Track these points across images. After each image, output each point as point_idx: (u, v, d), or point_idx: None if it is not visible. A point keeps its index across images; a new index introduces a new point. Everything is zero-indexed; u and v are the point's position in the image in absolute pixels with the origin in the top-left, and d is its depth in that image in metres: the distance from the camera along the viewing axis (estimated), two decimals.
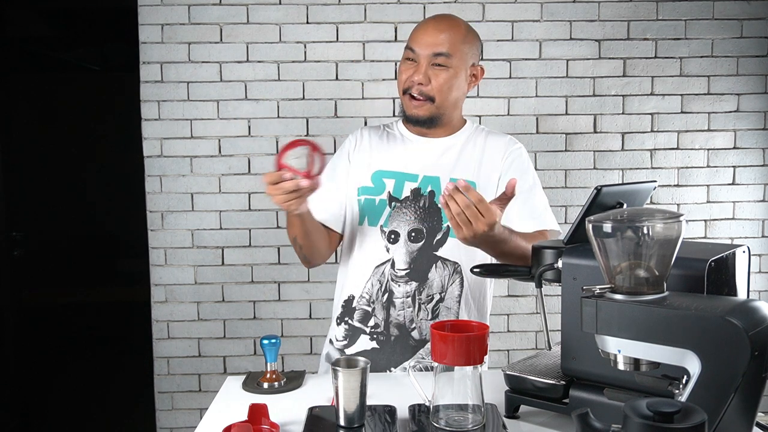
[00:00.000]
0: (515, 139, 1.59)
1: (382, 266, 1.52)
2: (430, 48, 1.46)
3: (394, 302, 1.51)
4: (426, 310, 1.50)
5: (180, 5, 2.57)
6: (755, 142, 2.71)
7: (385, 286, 1.51)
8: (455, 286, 1.51)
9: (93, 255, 6.49)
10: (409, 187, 1.53)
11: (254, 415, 1.12)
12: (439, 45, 1.46)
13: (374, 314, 1.52)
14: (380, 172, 1.55)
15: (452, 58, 1.46)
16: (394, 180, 1.54)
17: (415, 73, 1.47)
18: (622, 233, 0.84)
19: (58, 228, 6.45)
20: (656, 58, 2.66)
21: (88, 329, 5.53)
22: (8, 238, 3.06)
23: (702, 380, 0.78)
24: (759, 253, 2.73)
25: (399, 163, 1.55)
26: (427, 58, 1.46)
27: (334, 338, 1.58)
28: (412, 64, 1.49)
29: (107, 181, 6.53)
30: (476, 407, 1.08)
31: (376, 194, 1.54)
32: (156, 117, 2.61)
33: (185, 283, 2.64)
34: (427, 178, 1.53)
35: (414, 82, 1.47)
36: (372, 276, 1.53)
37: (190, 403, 2.67)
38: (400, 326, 1.51)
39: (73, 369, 4.61)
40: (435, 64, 1.46)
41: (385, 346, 1.51)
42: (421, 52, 1.47)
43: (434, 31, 1.47)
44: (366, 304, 1.53)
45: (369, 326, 1.52)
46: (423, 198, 1.52)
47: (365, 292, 1.53)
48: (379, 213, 1.53)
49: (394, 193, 1.53)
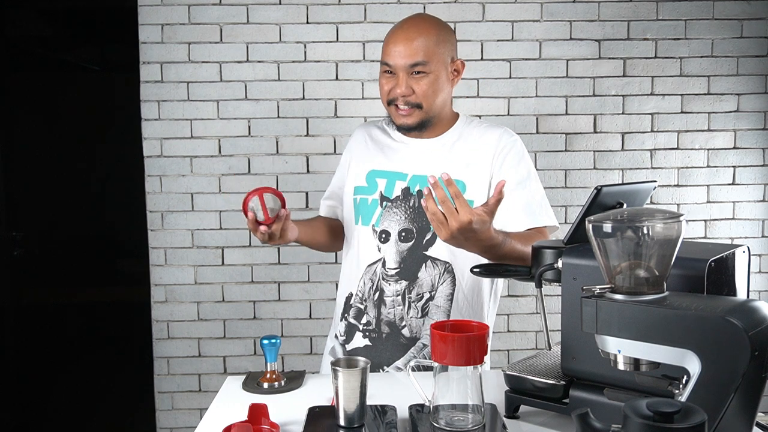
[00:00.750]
0: (510, 131, 1.56)
1: (373, 265, 1.54)
2: (405, 59, 1.44)
3: (384, 300, 1.52)
4: (416, 308, 1.50)
5: (180, 5, 2.57)
6: (755, 142, 2.71)
7: (377, 284, 1.53)
8: (446, 285, 1.51)
9: (93, 255, 6.48)
10: (400, 187, 1.53)
11: (254, 415, 1.12)
12: (413, 55, 1.44)
13: (366, 312, 1.54)
14: (374, 172, 1.57)
15: (429, 63, 1.45)
16: (386, 180, 1.55)
17: (396, 86, 1.46)
18: (622, 233, 0.84)
19: (58, 228, 6.44)
20: (656, 58, 2.66)
21: (88, 329, 5.53)
22: (8, 238, 3.06)
23: (702, 380, 0.78)
24: (759, 253, 2.73)
25: (391, 163, 1.56)
26: (404, 69, 1.45)
27: (338, 333, 1.60)
28: (391, 77, 1.48)
29: (107, 181, 6.52)
30: (476, 407, 1.08)
31: (368, 194, 1.56)
32: (156, 117, 2.61)
33: (185, 283, 2.64)
34: (416, 177, 1.53)
35: (397, 94, 1.47)
36: (365, 274, 1.54)
37: (190, 403, 2.67)
38: (390, 324, 1.51)
39: (73, 369, 4.61)
40: (414, 72, 1.45)
41: (377, 343, 1.52)
42: (397, 65, 1.45)
43: (404, 41, 1.45)
44: (359, 302, 1.55)
45: (362, 323, 1.54)
46: (412, 197, 1.52)
47: (359, 290, 1.55)
48: (371, 212, 1.54)
49: (385, 192, 1.54)
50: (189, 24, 2.59)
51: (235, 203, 2.64)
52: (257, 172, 2.63)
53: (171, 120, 2.61)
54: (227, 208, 2.64)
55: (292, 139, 2.63)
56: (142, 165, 2.62)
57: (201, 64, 2.60)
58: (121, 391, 4.06)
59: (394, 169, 1.55)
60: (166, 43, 2.59)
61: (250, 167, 2.64)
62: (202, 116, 2.61)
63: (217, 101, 2.61)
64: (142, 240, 2.68)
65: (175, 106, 2.61)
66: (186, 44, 2.59)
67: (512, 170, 1.50)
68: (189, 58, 2.60)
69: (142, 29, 2.58)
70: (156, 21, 2.58)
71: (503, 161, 1.51)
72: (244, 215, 1.38)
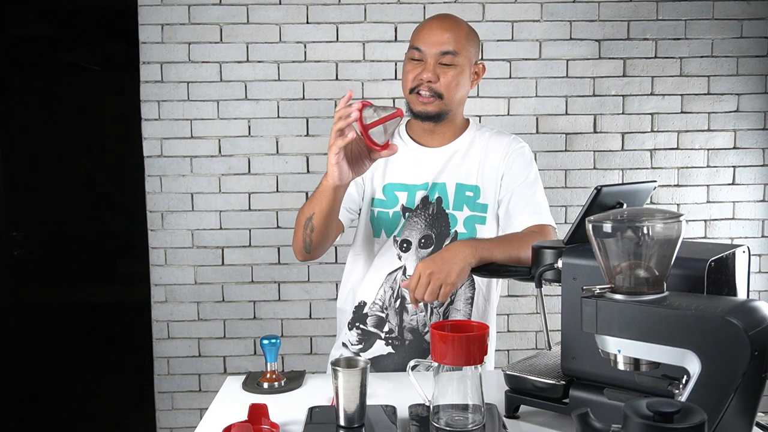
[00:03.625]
0: (519, 138, 1.60)
1: (393, 273, 1.54)
2: (436, 47, 1.47)
3: (406, 308, 1.53)
4: (438, 314, 1.53)
5: (180, 5, 2.57)
6: (755, 142, 2.71)
7: (398, 292, 1.54)
8: (466, 289, 1.53)
9: (93, 255, 6.48)
10: (420, 197, 1.54)
11: (254, 415, 1.12)
12: (445, 44, 1.47)
13: (388, 320, 1.54)
14: (391, 185, 1.56)
15: (458, 56, 1.48)
16: (406, 192, 1.55)
17: (424, 71, 1.48)
18: (622, 233, 0.84)
19: (58, 228, 6.44)
20: (656, 58, 2.66)
21: (88, 329, 5.53)
22: (8, 238, 3.06)
23: (702, 380, 0.78)
24: (759, 253, 2.73)
25: (408, 175, 1.56)
26: (434, 56, 1.47)
27: (348, 342, 1.59)
28: (418, 63, 1.50)
29: (107, 181, 6.53)
30: (476, 407, 1.08)
31: (389, 207, 1.56)
32: (156, 117, 2.61)
33: (185, 283, 2.64)
34: (435, 185, 1.54)
35: (423, 80, 1.48)
36: (384, 283, 1.55)
37: (190, 403, 2.67)
38: (413, 330, 1.53)
39: (73, 369, 4.61)
40: (442, 63, 1.48)
41: (400, 350, 1.53)
42: (428, 51, 1.48)
43: (439, 30, 1.48)
44: (379, 311, 1.55)
45: (384, 332, 1.55)
46: (431, 205, 1.54)
47: (378, 299, 1.55)
48: (394, 225, 1.55)
49: (407, 204, 1.54)
50: (189, 24, 2.59)
51: (235, 203, 2.64)
52: (257, 172, 2.63)
53: (171, 120, 2.61)
54: (227, 208, 2.64)
55: (292, 139, 2.63)
56: (142, 165, 2.62)
57: (201, 64, 2.60)
58: (121, 391, 4.06)
59: (413, 181, 1.55)
60: (166, 43, 2.59)
61: (250, 167, 2.63)
62: (202, 116, 2.61)
63: (217, 101, 2.61)
64: (142, 240, 2.68)
65: (175, 106, 2.61)
66: (186, 44, 2.59)
67: (520, 171, 1.54)
68: (189, 58, 2.60)
69: (142, 29, 2.58)
70: (156, 21, 2.58)
71: (513, 162, 1.55)
72: (355, 125, 1.23)
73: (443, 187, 1.53)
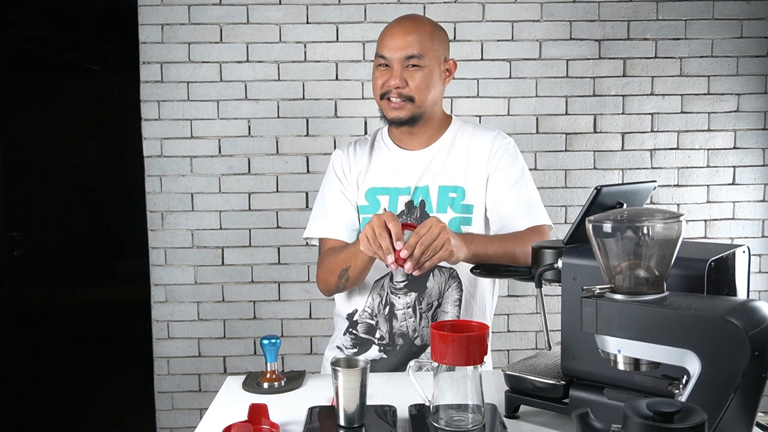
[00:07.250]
0: (503, 133, 1.58)
1: (381, 280, 1.54)
2: (400, 51, 1.46)
3: (395, 314, 1.53)
4: (427, 317, 1.52)
5: (180, 5, 2.57)
6: (755, 142, 2.71)
7: (386, 299, 1.53)
8: (452, 291, 1.52)
9: (93, 255, 6.48)
10: (403, 201, 1.53)
11: (254, 415, 1.12)
12: (408, 47, 1.46)
13: (378, 327, 1.54)
14: (373, 190, 1.56)
15: (424, 57, 1.47)
16: (387, 196, 1.54)
17: (391, 77, 1.47)
18: (622, 233, 0.84)
19: (58, 228, 6.44)
20: (656, 58, 2.66)
21: (88, 329, 5.52)
22: (8, 238, 3.06)
23: (702, 380, 0.78)
24: (759, 253, 2.73)
25: (390, 178, 1.55)
26: (399, 61, 1.47)
27: (342, 346, 1.60)
28: (386, 70, 1.49)
29: (107, 181, 6.52)
30: (476, 407, 1.08)
31: (371, 212, 1.54)
32: (156, 117, 2.61)
33: (185, 283, 2.64)
34: (418, 189, 1.53)
35: (391, 86, 1.47)
36: (372, 290, 1.54)
37: (190, 403, 2.67)
38: (403, 335, 1.53)
39: (73, 369, 4.61)
40: (408, 66, 1.47)
41: (391, 354, 1.54)
42: (392, 57, 1.47)
43: (401, 34, 1.47)
44: (369, 318, 1.55)
45: (376, 338, 1.55)
46: (416, 209, 1.53)
47: (367, 306, 1.55)
48: None
49: (389, 208, 1.53)
50: (189, 24, 2.59)
51: (235, 203, 2.64)
52: (257, 172, 2.63)
53: (171, 120, 2.61)
54: (227, 208, 2.64)
55: (292, 139, 2.63)
56: (142, 165, 2.62)
57: (201, 64, 2.60)
58: (121, 391, 4.06)
59: (394, 184, 1.55)
60: (166, 43, 2.59)
61: (250, 167, 2.64)
62: (202, 116, 2.61)
63: (217, 101, 2.61)
64: (142, 240, 2.68)
65: (175, 106, 2.61)
66: (186, 44, 2.59)
67: (507, 170, 1.52)
68: (189, 58, 2.60)
69: (142, 29, 2.58)
70: (156, 21, 2.58)
71: (498, 162, 1.53)
72: (390, 242, 1.26)
73: (426, 190, 1.53)
